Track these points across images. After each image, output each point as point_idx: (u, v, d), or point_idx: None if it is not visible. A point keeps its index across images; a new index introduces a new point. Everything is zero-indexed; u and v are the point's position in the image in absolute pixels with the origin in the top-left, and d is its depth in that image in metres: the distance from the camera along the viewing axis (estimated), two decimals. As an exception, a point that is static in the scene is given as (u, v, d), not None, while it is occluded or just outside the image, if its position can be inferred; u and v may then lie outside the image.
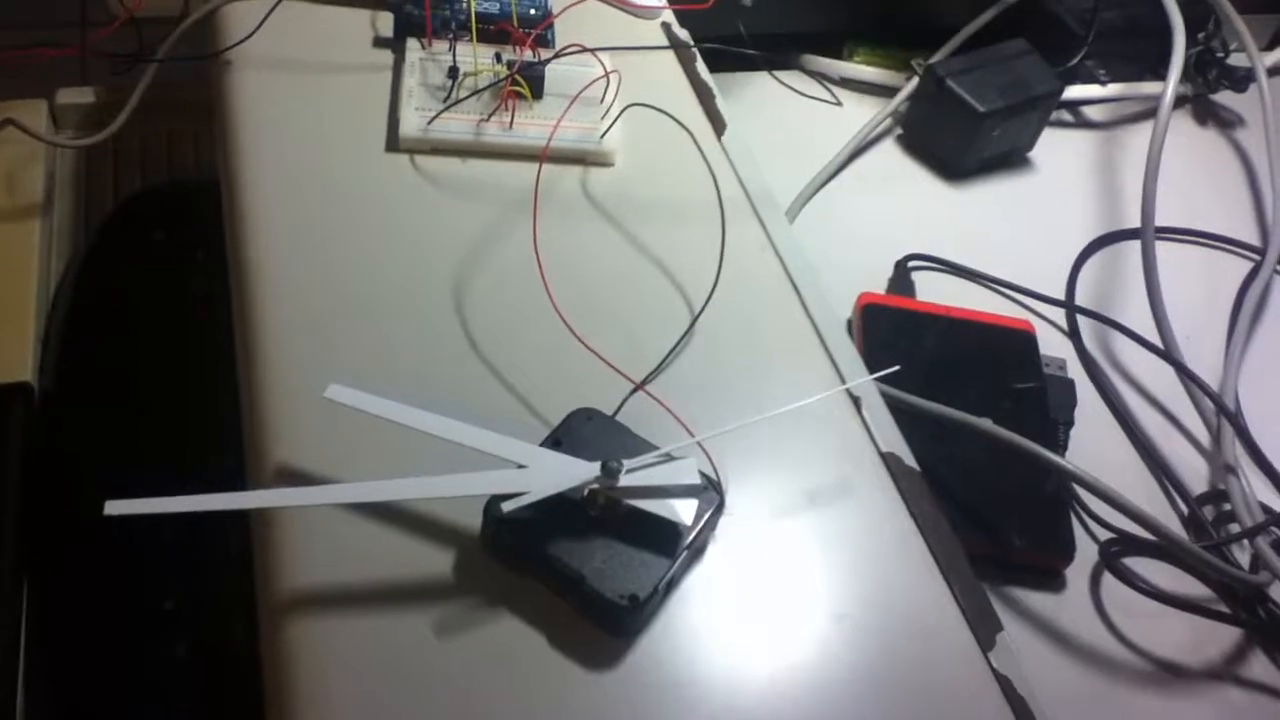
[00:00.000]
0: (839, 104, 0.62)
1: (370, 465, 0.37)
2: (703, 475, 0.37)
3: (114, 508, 0.31)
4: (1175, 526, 0.48)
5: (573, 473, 0.35)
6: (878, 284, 0.56)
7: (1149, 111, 0.67)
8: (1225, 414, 0.49)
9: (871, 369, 0.46)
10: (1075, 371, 0.53)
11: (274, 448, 0.38)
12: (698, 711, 0.33)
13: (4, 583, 0.45)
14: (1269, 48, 0.73)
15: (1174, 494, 0.49)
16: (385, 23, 0.54)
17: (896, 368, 0.42)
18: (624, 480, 0.35)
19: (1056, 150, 0.65)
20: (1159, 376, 0.54)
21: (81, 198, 0.62)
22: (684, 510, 0.35)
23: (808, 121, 0.64)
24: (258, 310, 0.42)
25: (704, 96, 0.54)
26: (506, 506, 0.34)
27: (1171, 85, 0.57)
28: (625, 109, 0.50)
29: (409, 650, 0.33)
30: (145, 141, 0.63)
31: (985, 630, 0.37)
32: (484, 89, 0.49)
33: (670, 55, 0.56)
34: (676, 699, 0.34)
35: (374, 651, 0.33)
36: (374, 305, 0.43)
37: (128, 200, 0.60)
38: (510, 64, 0.50)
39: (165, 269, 0.56)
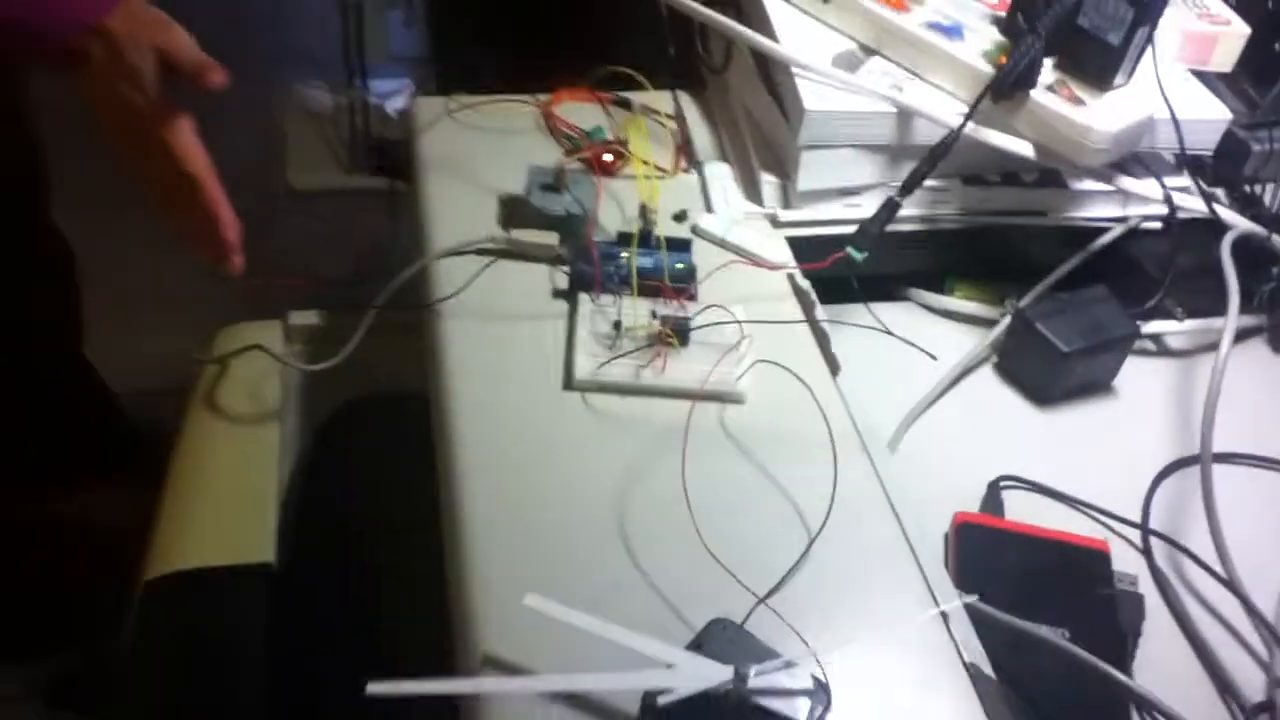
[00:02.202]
0: (934, 358, 0.71)
1: (556, 655, 0.47)
2: (814, 679, 0.46)
3: (376, 689, 0.42)
4: (1233, 733, 0.55)
5: (711, 674, 0.45)
6: (972, 500, 0.65)
7: (1224, 342, 0.75)
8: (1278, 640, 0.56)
9: (962, 581, 0.55)
10: (1147, 586, 0.61)
11: (479, 641, 0.48)
12: None
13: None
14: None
15: (1231, 704, 0.56)
16: (562, 278, 0.67)
17: (978, 595, 0.51)
18: (751, 683, 0.44)
19: (1138, 376, 0.73)
20: (1223, 593, 0.61)
21: (309, 403, 0.75)
22: (799, 708, 0.45)
23: (913, 351, 0.74)
24: (461, 518, 0.54)
25: (821, 341, 0.65)
26: (660, 700, 0.44)
27: (1225, 344, 0.66)
28: (755, 363, 0.61)
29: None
30: (368, 357, 0.76)
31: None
32: (643, 345, 0.61)
33: (794, 300, 0.68)
34: None
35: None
36: (555, 517, 0.54)
37: (343, 407, 0.74)
38: (664, 319, 0.62)
39: (376, 471, 0.69)
